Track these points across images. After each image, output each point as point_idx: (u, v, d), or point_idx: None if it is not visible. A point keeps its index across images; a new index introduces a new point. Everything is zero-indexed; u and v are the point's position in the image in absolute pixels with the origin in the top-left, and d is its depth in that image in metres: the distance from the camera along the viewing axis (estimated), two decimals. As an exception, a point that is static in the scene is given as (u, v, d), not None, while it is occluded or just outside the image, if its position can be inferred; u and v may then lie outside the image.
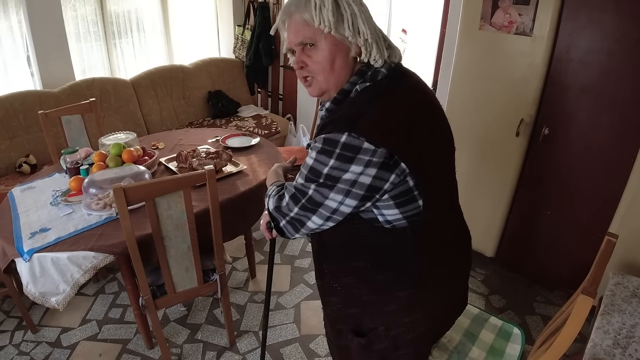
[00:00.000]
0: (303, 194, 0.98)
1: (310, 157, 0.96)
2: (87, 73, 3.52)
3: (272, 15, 4.15)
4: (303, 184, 0.98)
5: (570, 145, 2.25)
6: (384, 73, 0.99)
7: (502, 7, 2.24)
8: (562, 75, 2.18)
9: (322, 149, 0.93)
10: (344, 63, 1.01)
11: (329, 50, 0.98)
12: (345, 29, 0.96)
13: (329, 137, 0.92)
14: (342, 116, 0.95)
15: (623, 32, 1.93)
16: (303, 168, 0.99)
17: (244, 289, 2.50)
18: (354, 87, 1.00)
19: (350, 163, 0.90)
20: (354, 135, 0.89)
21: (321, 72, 1.00)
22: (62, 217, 1.80)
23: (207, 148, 2.42)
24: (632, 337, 1.61)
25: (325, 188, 0.94)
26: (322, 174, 0.93)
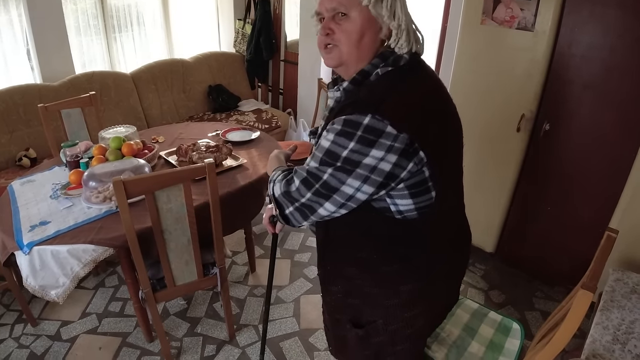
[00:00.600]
0: (317, 179, 0.93)
1: (326, 139, 0.91)
2: (87, 67, 3.51)
3: (273, 9, 4.13)
4: (318, 167, 0.93)
5: (571, 141, 2.24)
6: (406, 59, 0.97)
7: (504, 2, 2.23)
8: (563, 71, 2.17)
9: (341, 130, 0.88)
10: (372, 41, 0.97)
11: (361, 23, 0.94)
12: (383, 8, 0.93)
13: (350, 119, 0.88)
14: (363, 98, 0.91)
15: (626, 27, 1.92)
16: (317, 151, 0.94)
17: (243, 283, 2.51)
18: (375, 69, 0.97)
19: (371, 147, 0.86)
20: (378, 117, 0.85)
21: (347, 43, 0.96)
22: (61, 210, 1.79)
23: (207, 142, 2.42)
24: (632, 332, 1.62)
25: (343, 172, 0.89)
26: (340, 157, 0.89)
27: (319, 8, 0.99)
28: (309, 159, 0.97)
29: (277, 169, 1.12)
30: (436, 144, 0.92)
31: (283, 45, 4.26)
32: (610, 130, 2.10)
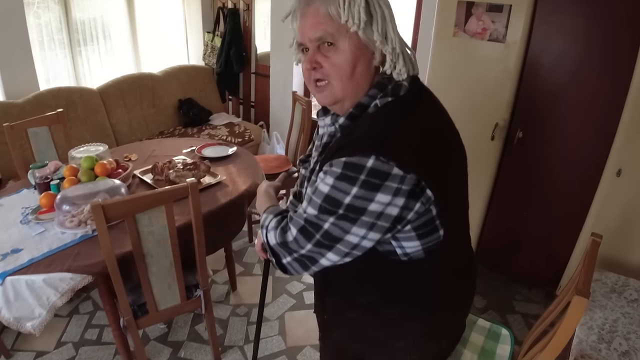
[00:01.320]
0: (317, 228, 0.83)
1: (324, 182, 0.82)
2: (51, 82, 3.37)
3: (243, 21, 4.10)
4: (317, 215, 0.83)
5: (544, 148, 2.31)
6: (406, 87, 0.88)
7: (476, 14, 2.29)
8: (534, 80, 2.24)
9: (342, 174, 0.79)
10: (366, 70, 0.88)
11: (351, 53, 0.84)
12: (374, 32, 0.84)
13: (351, 161, 0.78)
14: (364, 136, 0.82)
15: (593, 36, 2.01)
16: (315, 195, 0.84)
17: (225, 302, 2.44)
18: (372, 101, 0.87)
19: (376, 191, 0.77)
20: (383, 159, 0.76)
21: (339, 77, 0.86)
22: (34, 236, 1.69)
23: (184, 159, 2.35)
24: (615, 331, 1.67)
25: (346, 221, 0.80)
26: (342, 204, 0.79)
27: (301, 39, 0.88)
28: (306, 204, 0.87)
29: (268, 210, 1.00)
30: (443, 179, 0.85)
31: (254, 58, 4.24)
32: (581, 136, 2.18)
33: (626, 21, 1.91)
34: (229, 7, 4.10)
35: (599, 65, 2.04)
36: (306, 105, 2.86)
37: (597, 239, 1.45)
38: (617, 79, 1.99)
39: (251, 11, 4.04)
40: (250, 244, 2.97)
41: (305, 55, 0.90)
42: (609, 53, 1.99)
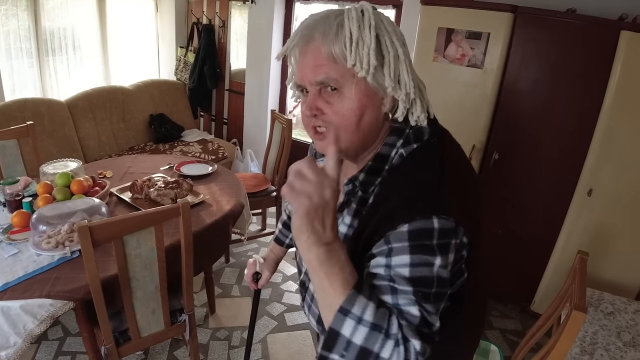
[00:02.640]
0: (430, 326, 0.67)
1: (398, 264, 0.67)
2: (16, 93, 3.20)
3: (218, 37, 4.07)
4: (423, 306, 0.66)
5: (519, 169, 2.41)
6: (428, 131, 0.78)
7: (455, 41, 2.38)
8: (510, 105, 2.35)
9: (415, 246, 0.67)
10: (374, 119, 0.77)
11: (358, 100, 0.73)
12: (386, 77, 0.73)
13: (416, 229, 0.67)
14: (412, 195, 0.71)
15: (566, 64, 2.13)
16: (400, 284, 0.67)
17: (204, 326, 2.35)
18: (392, 149, 0.78)
19: (448, 253, 0.69)
20: (444, 216, 0.67)
21: (343, 128, 0.75)
22: (6, 258, 1.57)
23: (163, 177, 2.28)
24: (596, 343, 1.73)
25: (439, 302, 0.70)
26: (433, 280, 0.67)
27: (300, 80, 0.77)
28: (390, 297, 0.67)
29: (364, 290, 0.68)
30: (476, 225, 0.77)
31: (228, 75, 4.20)
32: (554, 157, 2.29)
33: (597, 50, 2.05)
34: (204, 22, 4.06)
35: (572, 91, 2.16)
36: (286, 124, 2.85)
37: (584, 256, 1.51)
38: (588, 104, 2.12)
39: (226, 28, 4.02)
40: (226, 264, 2.90)
41: (305, 96, 0.79)
42: (581, 79, 2.12)
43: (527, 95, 2.28)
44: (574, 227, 2.29)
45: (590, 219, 2.24)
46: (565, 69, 2.15)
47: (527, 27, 2.19)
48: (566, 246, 2.33)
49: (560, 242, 2.36)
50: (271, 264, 1.26)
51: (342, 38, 0.71)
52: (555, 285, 2.39)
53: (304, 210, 0.64)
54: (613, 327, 1.83)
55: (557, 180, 2.31)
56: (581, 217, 2.26)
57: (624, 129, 2.06)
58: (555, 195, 2.34)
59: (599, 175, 2.16)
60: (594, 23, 2.06)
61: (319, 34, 0.73)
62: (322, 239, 0.66)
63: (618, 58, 1.98)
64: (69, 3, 3.41)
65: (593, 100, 2.10)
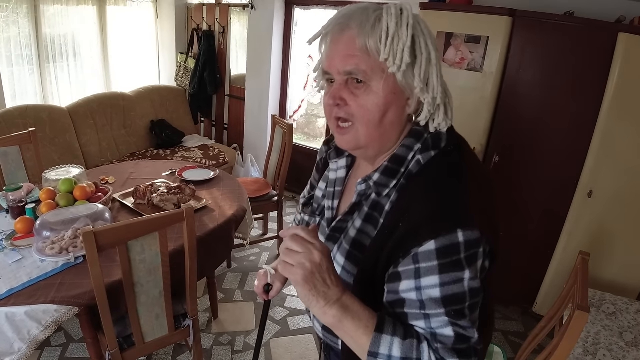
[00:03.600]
0: (467, 340, 0.69)
1: (427, 285, 0.68)
2: (17, 99, 3.22)
3: (218, 43, 4.09)
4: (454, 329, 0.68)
5: (519, 171, 2.42)
6: (445, 137, 0.77)
7: (455, 45, 2.40)
8: (510, 108, 2.36)
9: (444, 264, 0.67)
10: (397, 119, 0.76)
11: (385, 97, 0.73)
12: (415, 77, 0.72)
13: (443, 247, 0.67)
14: (435, 209, 0.70)
15: (564, 67, 2.15)
16: (432, 308, 0.68)
17: (207, 331, 2.35)
18: (410, 152, 0.77)
19: (476, 261, 0.69)
20: (469, 228, 0.67)
21: (365, 122, 0.75)
22: (11, 264, 1.58)
23: (165, 182, 2.29)
24: (598, 343, 1.74)
25: (474, 312, 0.70)
26: (465, 295, 0.68)
27: (328, 68, 0.76)
28: (423, 322, 0.69)
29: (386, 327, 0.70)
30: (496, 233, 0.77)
31: (228, 80, 4.22)
32: (554, 159, 2.30)
33: (595, 52, 2.06)
34: (204, 29, 4.08)
35: (570, 94, 2.18)
36: (287, 129, 2.87)
37: (586, 256, 1.52)
38: (587, 106, 2.13)
39: (227, 34, 4.04)
40: (228, 269, 2.90)
41: (329, 86, 0.79)
42: (580, 82, 2.14)
43: (526, 98, 2.30)
44: (575, 228, 2.30)
45: (590, 220, 2.25)
46: (563, 72, 2.17)
47: (525, 30, 2.21)
48: (567, 247, 2.34)
49: (562, 244, 2.36)
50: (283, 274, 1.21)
51: (379, 32, 0.71)
52: (557, 286, 2.40)
53: (302, 279, 0.68)
54: (615, 328, 1.83)
55: (558, 182, 2.32)
56: (582, 219, 2.27)
57: (622, 131, 2.07)
58: (555, 197, 2.35)
59: (599, 176, 2.17)
60: (591, 26, 2.08)
61: (355, 23, 0.72)
62: (331, 298, 0.70)
63: (616, 60, 2.00)
64: (70, 10, 3.44)
65: (592, 103, 2.11)
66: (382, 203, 0.78)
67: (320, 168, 1.02)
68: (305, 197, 1.06)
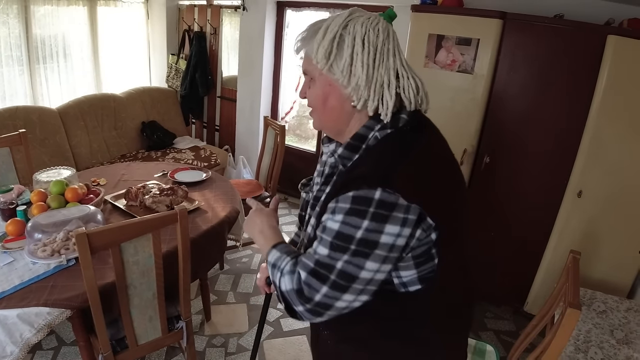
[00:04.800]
0: (330, 269, 0.81)
1: (334, 220, 0.82)
2: (7, 100, 3.18)
3: (209, 45, 4.08)
4: (329, 255, 0.82)
5: (509, 172, 2.45)
6: (405, 119, 0.89)
7: (446, 47, 2.42)
8: (500, 109, 2.39)
9: (351, 209, 0.79)
10: (339, 105, 0.91)
11: (321, 89, 0.92)
12: (337, 71, 0.88)
13: (358, 195, 0.79)
14: (369, 170, 0.84)
15: (554, 68, 2.18)
16: (325, 234, 0.83)
17: (200, 333, 2.33)
18: (370, 132, 0.90)
19: (385, 223, 0.78)
20: (389, 190, 0.78)
21: (314, 108, 0.97)
22: (2, 267, 1.56)
23: (157, 184, 2.27)
24: (589, 341, 1.76)
25: (360, 257, 0.80)
26: (354, 239, 0.79)
27: None
28: (316, 244, 0.85)
29: (280, 249, 0.95)
30: (445, 209, 0.86)
31: (219, 82, 4.21)
32: (544, 160, 2.33)
33: (585, 54, 2.10)
34: (195, 30, 4.07)
35: (560, 95, 2.21)
36: (280, 130, 2.87)
37: (577, 255, 1.54)
38: (577, 107, 2.16)
39: (218, 35, 4.03)
40: (221, 271, 2.89)
41: None
42: (569, 83, 2.17)
43: (516, 99, 2.33)
44: (565, 228, 2.33)
45: (580, 220, 2.28)
46: (553, 73, 2.20)
47: (516, 32, 2.23)
48: (558, 247, 2.37)
49: (552, 243, 2.39)
50: None
51: (314, 39, 0.89)
52: (547, 285, 2.42)
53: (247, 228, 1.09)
54: (606, 326, 1.86)
55: (548, 182, 2.35)
56: (572, 218, 2.30)
57: (611, 131, 2.10)
58: (546, 197, 2.38)
59: (588, 176, 2.20)
60: (581, 28, 2.11)
61: (306, 34, 0.93)
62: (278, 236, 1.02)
63: (605, 62, 2.03)
64: (60, 10, 3.41)
65: (581, 104, 2.15)
66: None
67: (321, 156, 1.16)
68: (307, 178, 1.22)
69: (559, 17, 2.28)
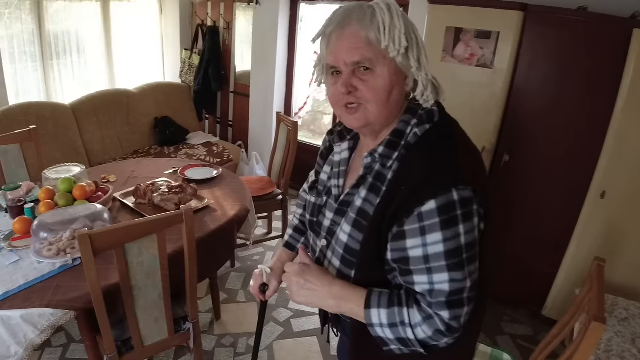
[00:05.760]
0: (462, 291, 0.80)
1: (430, 243, 0.77)
2: (20, 97, 3.19)
3: (222, 40, 4.04)
4: (451, 278, 0.78)
5: (530, 171, 2.35)
6: (437, 112, 0.88)
7: (464, 40, 2.33)
8: (521, 105, 2.29)
9: (442, 222, 0.76)
10: (400, 96, 0.87)
11: (389, 78, 0.83)
12: (411, 58, 0.83)
13: (441, 204, 0.76)
14: (433, 171, 0.80)
15: (577, 62, 2.08)
16: (431, 263, 0.79)
17: (209, 332, 2.31)
18: (407, 127, 0.87)
19: (472, 218, 0.78)
20: (461, 187, 0.77)
21: (375, 102, 0.85)
22: (7, 266, 1.55)
23: (167, 181, 2.25)
24: (611, 350, 1.68)
25: (474, 261, 0.80)
26: (462, 248, 0.77)
27: (334, 62, 0.86)
28: (425, 277, 0.80)
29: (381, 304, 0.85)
30: (489, 198, 0.85)
31: (233, 77, 4.17)
32: (566, 159, 2.23)
33: (609, 49, 1.99)
34: (209, 24, 4.04)
35: (583, 91, 2.10)
36: (292, 126, 2.82)
37: (602, 263, 1.46)
38: (601, 103, 2.06)
39: (231, 29, 3.99)
40: (232, 269, 2.86)
41: (335, 77, 0.88)
42: (593, 79, 2.06)
43: (537, 95, 2.23)
44: (587, 229, 2.23)
45: (603, 222, 2.18)
46: (576, 69, 2.09)
47: (537, 25, 2.13)
48: (579, 249, 2.27)
49: (573, 245, 2.29)
50: (279, 273, 1.18)
51: (376, 24, 0.81)
52: (567, 288, 2.33)
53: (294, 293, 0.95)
54: (628, 334, 1.77)
55: (569, 182, 2.25)
56: (594, 220, 2.20)
57: (637, 130, 1.99)
58: (567, 198, 2.28)
59: (612, 177, 2.10)
60: (605, 21, 2.00)
61: (355, 20, 0.82)
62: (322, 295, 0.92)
63: (631, 57, 1.93)
64: (73, 6, 3.40)
65: (605, 101, 2.04)
66: (384, 173, 0.88)
67: (324, 155, 1.10)
68: (309, 183, 1.17)
69: (582, 9, 2.17)
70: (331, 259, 0.97)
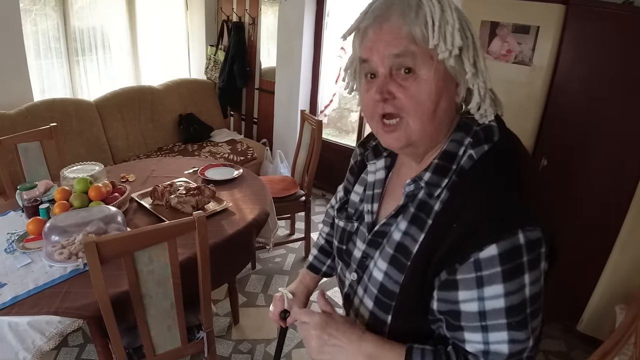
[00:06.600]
0: (523, 351, 0.66)
1: (490, 295, 0.64)
2: (46, 93, 3.21)
3: (248, 35, 3.97)
4: (512, 338, 0.64)
5: (569, 176, 2.18)
6: (497, 129, 0.71)
7: (500, 36, 2.17)
8: (561, 106, 2.12)
9: (504, 271, 0.62)
10: (450, 109, 0.70)
11: (436, 84, 0.66)
12: (465, 61, 0.66)
13: (504, 250, 0.62)
14: (494, 208, 0.65)
15: (624, 60, 1.90)
16: (488, 320, 0.65)
17: (226, 337, 2.25)
18: (460, 147, 0.71)
19: (539, 264, 0.64)
20: (529, 228, 0.62)
21: (418, 114, 0.68)
22: (19, 268, 1.51)
23: (186, 181, 2.19)
24: None
25: (537, 315, 0.66)
26: (526, 302, 0.64)
27: (368, 54, 0.69)
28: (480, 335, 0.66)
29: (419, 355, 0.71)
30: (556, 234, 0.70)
31: (258, 73, 4.10)
32: (609, 165, 2.06)
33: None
34: (234, 20, 3.97)
35: (630, 92, 1.92)
36: (316, 125, 2.72)
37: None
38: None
39: (257, 25, 3.92)
40: (252, 270, 2.80)
41: (369, 83, 0.71)
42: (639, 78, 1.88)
43: (580, 95, 2.06)
44: (629, 240, 2.05)
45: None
46: (623, 67, 1.91)
47: (580, 20, 1.96)
48: (620, 261, 2.10)
49: (614, 257, 2.12)
50: (301, 298, 1.06)
51: (423, 18, 0.65)
52: (605, 303, 2.16)
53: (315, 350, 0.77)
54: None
55: (612, 190, 2.07)
56: (636, 231, 2.02)
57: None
58: (608, 206, 2.10)
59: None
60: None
61: (396, 13, 0.66)
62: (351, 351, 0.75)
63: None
64: (98, 2, 3.40)
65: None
66: (430, 203, 0.72)
67: (355, 171, 0.95)
68: (338, 202, 1.00)
69: (627, 3, 1.98)
70: (363, 298, 0.82)
